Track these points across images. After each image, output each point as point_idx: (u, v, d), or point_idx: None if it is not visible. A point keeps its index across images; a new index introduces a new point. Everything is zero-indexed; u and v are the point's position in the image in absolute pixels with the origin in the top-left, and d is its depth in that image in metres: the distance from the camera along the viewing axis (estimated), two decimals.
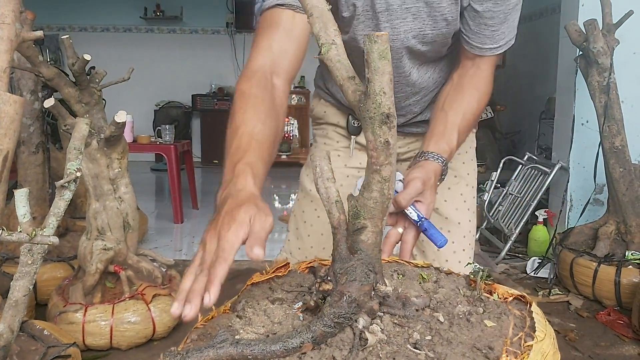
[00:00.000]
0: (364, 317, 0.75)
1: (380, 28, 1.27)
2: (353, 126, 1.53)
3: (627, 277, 2.69)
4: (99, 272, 2.30)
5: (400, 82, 1.39)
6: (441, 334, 0.75)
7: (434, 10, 1.24)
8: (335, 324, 0.72)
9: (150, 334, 2.32)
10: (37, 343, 1.72)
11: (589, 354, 2.32)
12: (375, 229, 0.79)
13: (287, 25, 1.18)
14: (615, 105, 2.86)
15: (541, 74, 5.07)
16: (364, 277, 0.76)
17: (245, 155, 1.01)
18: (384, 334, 0.74)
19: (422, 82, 1.40)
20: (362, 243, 0.79)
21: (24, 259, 1.16)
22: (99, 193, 2.30)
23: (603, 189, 3.25)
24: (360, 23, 1.28)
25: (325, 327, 0.72)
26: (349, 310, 0.73)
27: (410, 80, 1.38)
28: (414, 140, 1.55)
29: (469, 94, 1.27)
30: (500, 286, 0.85)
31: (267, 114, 1.10)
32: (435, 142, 1.20)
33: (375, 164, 0.76)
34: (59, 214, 1.20)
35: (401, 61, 1.33)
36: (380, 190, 0.77)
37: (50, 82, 2.26)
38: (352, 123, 1.53)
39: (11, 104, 1.29)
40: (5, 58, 1.32)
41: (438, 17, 1.25)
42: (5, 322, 1.20)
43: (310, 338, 0.71)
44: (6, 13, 1.30)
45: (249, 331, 0.79)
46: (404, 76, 1.37)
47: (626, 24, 2.88)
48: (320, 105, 1.60)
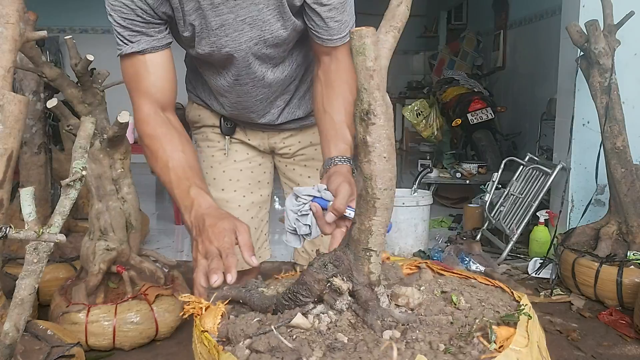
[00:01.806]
0: (313, 302, 0.87)
1: (222, 42, 1.35)
2: (226, 127, 1.62)
3: (629, 277, 2.69)
4: (102, 272, 2.30)
5: (257, 85, 1.46)
6: (357, 349, 0.78)
7: (265, 16, 1.32)
8: (288, 298, 0.88)
9: (153, 334, 2.32)
10: (40, 343, 1.72)
11: (592, 354, 2.32)
12: (361, 226, 0.85)
13: (154, 68, 1.30)
14: (616, 106, 2.87)
15: (542, 75, 5.07)
16: (321, 268, 0.87)
17: (190, 181, 1.21)
18: (321, 324, 0.84)
19: (278, 80, 1.47)
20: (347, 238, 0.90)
21: (29, 257, 1.16)
22: (101, 193, 2.30)
23: (604, 189, 3.26)
24: (202, 40, 1.35)
25: (284, 299, 0.89)
26: (298, 290, 0.87)
27: (266, 82, 1.46)
28: (288, 136, 1.63)
29: (341, 88, 1.35)
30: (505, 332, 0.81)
31: (181, 143, 1.28)
32: (335, 145, 1.29)
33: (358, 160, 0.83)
34: (64, 212, 1.20)
35: (251, 67, 1.41)
36: (365, 188, 0.82)
37: (53, 83, 2.27)
38: (225, 124, 1.62)
39: (16, 103, 1.30)
40: (10, 58, 1.32)
41: (272, 21, 1.32)
42: (11, 321, 1.20)
43: (274, 304, 0.90)
44: (10, 13, 1.30)
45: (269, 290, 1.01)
46: (258, 79, 1.44)
47: (627, 25, 2.88)
48: (194, 109, 1.66)
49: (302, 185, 1.65)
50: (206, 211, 1.13)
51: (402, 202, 3.55)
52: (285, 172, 1.69)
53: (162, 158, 1.25)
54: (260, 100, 1.49)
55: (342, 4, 1.30)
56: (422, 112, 6.04)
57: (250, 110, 1.52)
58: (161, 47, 1.30)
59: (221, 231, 1.06)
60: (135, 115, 1.33)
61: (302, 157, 1.65)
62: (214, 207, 1.16)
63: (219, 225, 1.07)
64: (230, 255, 1.01)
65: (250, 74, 1.41)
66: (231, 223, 1.08)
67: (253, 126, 1.60)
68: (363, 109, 0.77)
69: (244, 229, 1.09)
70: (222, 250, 1.03)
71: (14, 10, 1.30)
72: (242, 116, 1.55)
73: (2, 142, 1.29)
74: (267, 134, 1.62)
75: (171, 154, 1.24)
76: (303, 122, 1.61)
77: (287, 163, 1.68)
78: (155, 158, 1.27)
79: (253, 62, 1.39)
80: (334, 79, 1.36)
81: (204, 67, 1.46)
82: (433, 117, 6.02)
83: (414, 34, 9.39)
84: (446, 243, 3.83)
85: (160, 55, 1.30)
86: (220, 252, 1.02)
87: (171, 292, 2.39)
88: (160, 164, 1.25)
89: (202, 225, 1.10)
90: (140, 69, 1.29)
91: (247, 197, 1.65)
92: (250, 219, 1.64)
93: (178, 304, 2.38)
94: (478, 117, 5.13)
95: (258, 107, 1.51)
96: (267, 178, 1.70)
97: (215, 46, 1.34)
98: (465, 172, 4.80)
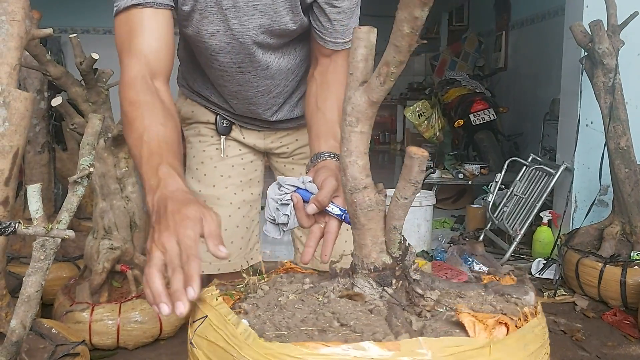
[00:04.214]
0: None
1: (229, 25, 1.30)
2: (222, 126, 1.56)
3: (633, 278, 2.69)
4: (106, 271, 2.29)
5: (259, 75, 1.42)
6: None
7: (277, 7, 1.28)
8: None
9: (157, 333, 2.31)
10: (45, 341, 1.72)
11: (597, 354, 2.32)
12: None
13: (152, 25, 1.17)
14: (620, 106, 2.86)
15: (544, 76, 5.07)
16: None
17: (162, 159, 1.02)
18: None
19: (281, 72, 1.44)
20: None
21: (36, 254, 1.16)
22: (105, 192, 2.30)
23: (608, 189, 3.25)
24: (205, 19, 1.28)
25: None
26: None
27: (269, 72, 1.42)
28: (284, 135, 1.60)
29: (336, 88, 1.32)
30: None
31: (164, 116, 1.11)
32: (325, 141, 1.24)
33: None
34: (71, 209, 1.20)
35: (255, 56, 1.37)
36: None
37: (57, 81, 2.26)
38: (221, 123, 1.56)
39: (21, 100, 1.29)
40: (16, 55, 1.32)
41: (283, 13, 1.30)
42: (17, 318, 1.20)
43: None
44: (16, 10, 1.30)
45: None
46: (261, 69, 1.41)
47: (631, 25, 2.88)
48: (187, 105, 1.60)
49: None
50: (171, 194, 0.94)
51: None
52: (283, 172, 1.65)
53: (137, 129, 1.08)
54: (261, 92, 1.47)
55: (351, 9, 1.30)
56: (424, 113, 6.04)
57: (250, 102, 1.49)
58: (163, 6, 1.18)
59: (184, 219, 0.87)
60: (121, 78, 1.16)
61: (301, 156, 1.63)
62: (182, 190, 0.97)
63: (183, 211, 0.89)
64: (192, 257, 0.83)
65: (254, 62, 1.38)
66: (197, 210, 0.90)
67: (250, 124, 1.57)
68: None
69: (212, 216, 0.91)
70: (184, 248, 0.84)
71: (20, 7, 1.29)
72: (242, 107, 1.51)
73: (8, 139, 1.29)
74: (263, 133, 1.60)
75: (149, 125, 1.07)
76: (300, 121, 1.58)
77: (285, 163, 1.65)
78: (130, 128, 1.09)
79: (257, 50, 1.36)
80: (330, 80, 1.34)
81: (201, 51, 1.39)
82: (435, 118, 6.02)
83: None
84: (449, 244, 3.83)
85: (161, 13, 1.18)
86: (181, 251, 0.85)
87: None
88: (134, 134, 1.08)
89: (164, 210, 0.91)
90: (136, 25, 1.16)
91: (239, 194, 1.60)
92: (242, 217, 1.60)
93: None
94: (480, 118, 5.12)
95: (259, 99, 1.48)
96: (258, 176, 1.66)
97: (221, 26, 1.30)
98: (467, 173, 4.80)
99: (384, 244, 0.85)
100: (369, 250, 0.86)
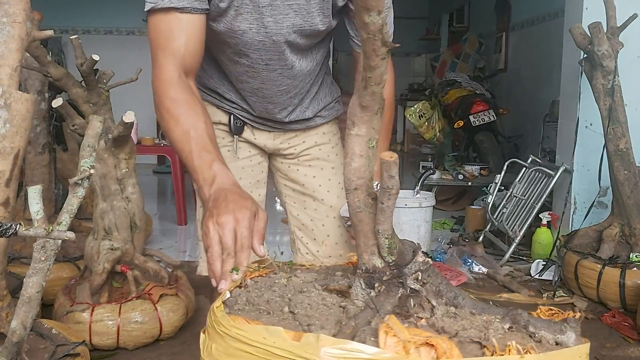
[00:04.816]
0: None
1: (264, 22, 1.33)
2: (236, 125, 1.59)
3: (632, 279, 2.69)
4: (106, 271, 2.30)
5: (284, 74, 1.45)
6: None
7: (310, 7, 1.32)
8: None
9: (157, 333, 2.32)
10: (45, 342, 1.72)
11: (595, 355, 2.33)
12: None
13: (189, 30, 1.25)
14: (619, 108, 2.87)
15: (544, 77, 5.08)
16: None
17: (214, 156, 1.16)
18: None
19: (303, 73, 1.48)
20: None
21: (37, 255, 1.17)
22: (106, 193, 2.31)
23: (607, 191, 3.26)
24: (239, 15, 1.32)
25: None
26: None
27: (292, 72, 1.45)
28: (293, 136, 1.63)
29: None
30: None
31: (204, 114, 1.23)
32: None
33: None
34: (72, 211, 1.21)
35: (284, 54, 1.40)
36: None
37: (58, 82, 2.27)
38: (235, 123, 1.59)
39: (23, 102, 1.30)
40: (17, 57, 1.33)
41: (315, 14, 1.33)
42: (18, 319, 1.20)
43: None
44: (17, 12, 1.31)
45: None
46: (287, 68, 1.44)
47: (630, 27, 2.89)
48: None
49: (307, 185, 1.65)
50: (230, 187, 1.10)
51: (404, 204, 3.54)
52: (287, 173, 1.68)
53: (183, 125, 1.19)
54: (281, 92, 1.49)
55: (385, 13, 1.32)
56: (425, 114, 6.05)
57: (269, 100, 1.51)
58: (200, 10, 1.26)
59: (242, 208, 1.02)
60: (157, 75, 1.26)
61: (307, 157, 1.65)
62: (238, 185, 1.13)
63: (241, 202, 1.04)
64: (245, 247, 0.99)
65: (282, 60, 1.41)
66: (253, 205, 1.05)
67: (262, 124, 1.59)
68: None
69: (264, 216, 1.05)
70: (239, 236, 0.99)
71: (21, 9, 1.30)
72: (259, 106, 1.53)
73: (9, 141, 1.30)
74: (273, 134, 1.62)
75: (194, 123, 1.19)
76: (309, 122, 1.61)
77: (291, 164, 1.67)
78: (175, 122, 1.20)
79: (286, 49, 1.39)
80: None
81: (229, 47, 1.42)
82: (435, 119, 6.03)
83: (415, 36, 9.41)
84: (449, 245, 3.84)
85: (198, 18, 1.26)
86: (236, 239, 0.99)
87: (175, 291, 2.39)
88: (179, 130, 1.19)
89: (224, 198, 1.05)
90: (174, 25, 1.24)
91: None
92: None
93: (182, 303, 2.39)
94: (480, 119, 5.13)
95: (278, 98, 1.50)
96: (264, 178, 1.69)
97: (254, 24, 1.33)
98: (467, 174, 4.81)
99: (376, 246, 0.86)
100: (361, 250, 0.87)
